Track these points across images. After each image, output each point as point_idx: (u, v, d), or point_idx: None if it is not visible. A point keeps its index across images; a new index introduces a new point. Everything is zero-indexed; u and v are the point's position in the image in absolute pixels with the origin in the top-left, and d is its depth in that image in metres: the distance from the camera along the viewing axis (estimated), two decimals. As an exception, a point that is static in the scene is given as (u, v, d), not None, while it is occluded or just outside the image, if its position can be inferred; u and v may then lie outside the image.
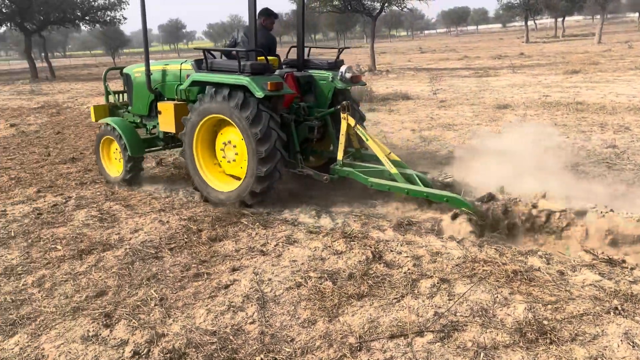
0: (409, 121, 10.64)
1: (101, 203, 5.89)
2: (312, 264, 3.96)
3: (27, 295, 3.76)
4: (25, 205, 5.94)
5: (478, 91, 15.11)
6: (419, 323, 3.09)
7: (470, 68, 24.42)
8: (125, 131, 6.52)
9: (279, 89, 5.13)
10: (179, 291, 3.69)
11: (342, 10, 27.97)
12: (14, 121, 13.34)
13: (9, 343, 3.17)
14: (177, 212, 5.41)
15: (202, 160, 5.81)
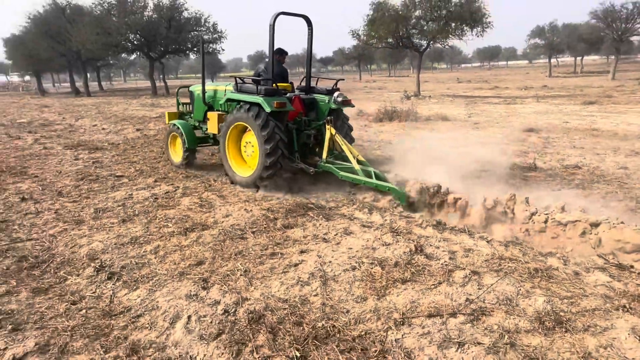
0: (447, 139, 10.36)
1: (201, 192, 6.09)
2: (364, 252, 3.94)
3: (146, 260, 3.95)
4: (146, 191, 6.22)
5: (507, 116, 14.53)
6: (453, 306, 3.01)
7: (500, 96, 23.51)
8: (185, 130, 7.54)
9: (282, 107, 5.89)
10: (258, 265, 3.77)
11: (395, 47, 27.65)
12: (139, 126, 14.00)
13: (132, 295, 3.35)
14: (258, 204, 5.51)
15: (231, 155, 6.61)
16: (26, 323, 3.04)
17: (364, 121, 14.49)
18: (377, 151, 8.77)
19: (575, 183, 6.27)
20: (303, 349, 2.67)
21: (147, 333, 2.90)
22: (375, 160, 7.30)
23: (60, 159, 8.79)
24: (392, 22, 25.05)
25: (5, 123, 16.32)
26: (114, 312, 3.15)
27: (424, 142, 9.86)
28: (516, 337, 2.68)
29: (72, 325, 2.99)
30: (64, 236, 4.60)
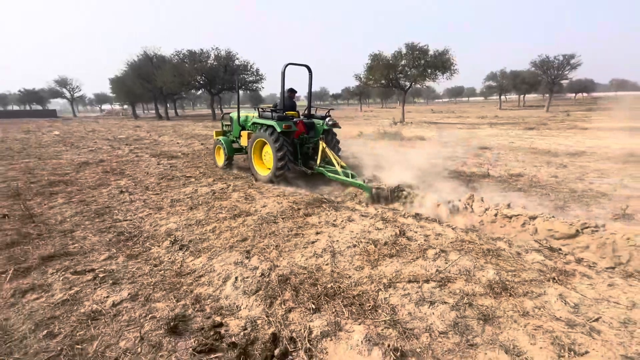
0: (424, 153, 10.25)
1: (246, 189, 6.11)
2: (363, 234, 3.91)
3: (206, 236, 3.99)
4: (207, 187, 6.27)
5: (468, 137, 14.29)
6: (426, 275, 2.98)
7: (464, 123, 23.15)
8: (226, 143, 8.17)
9: (289, 128, 6.54)
10: (286, 242, 3.77)
11: (386, 86, 27.47)
12: (203, 142, 14.19)
13: (196, 261, 3.39)
14: (286, 198, 5.51)
15: (255, 161, 7.18)
16: (122, 279, 3.10)
17: (363, 140, 14.41)
18: (372, 162, 8.71)
19: (518, 187, 6.15)
20: (317, 303, 2.66)
21: (206, 288, 2.93)
22: (370, 166, 7.24)
23: (147, 163, 8.95)
24: (385, 68, 24.93)
25: (110, 138, 16.69)
26: (183, 273, 3.19)
27: (406, 155, 9.76)
28: (473, 299, 2.63)
29: (154, 282, 3.04)
30: (149, 218, 4.67)
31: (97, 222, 4.57)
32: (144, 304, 2.73)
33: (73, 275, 3.15)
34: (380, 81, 26.49)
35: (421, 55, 24.27)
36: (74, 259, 3.49)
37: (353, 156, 9.30)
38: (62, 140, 15.94)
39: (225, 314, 2.62)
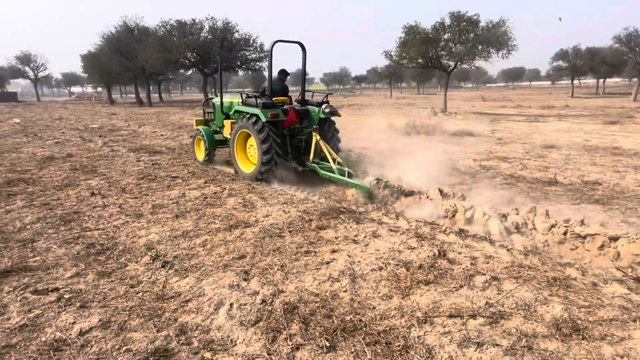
0: (472, 152, 10.14)
1: (245, 194, 6.19)
2: (391, 254, 3.89)
3: (195, 251, 4.05)
4: (197, 190, 6.39)
5: (529, 133, 14.05)
6: (473, 309, 2.93)
7: (523, 115, 22.78)
8: (207, 134, 8.64)
9: (276, 117, 6.84)
10: (294, 262, 3.79)
11: (424, 67, 27.30)
12: (192, 133, 14.42)
13: (182, 282, 3.44)
14: (295, 206, 5.54)
15: (238, 155, 7.58)
16: (92, 302, 3.17)
17: (393, 134, 14.36)
18: (404, 161, 8.66)
19: (595, 199, 5.99)
20: (332, 339, 2.66)
21: (194, 316, 2.97)
22: (399, 167, 7.20)
23: (124, 160, 9.17)
24: (423, 44, 24.78)
25: (80, 128, 17.19)
26: (166, 296, 3.24)
27: (448, 155, 9.67)
28: (533, 341, 2.58)
29: (130, 306, 3.10)
30: (126, 227, 4.78)
31: (63, 230, 4.70)
32: (117, 334, 2.79)
33: (33, 295, 3.24)
34: (417, 60, 26.38)
35: (470, 27, 24.05)
36: (35, 275, 3.60)
37: (381, 154, 9.27)
38: (23, 129, 16.52)
39: (217, 349, 2.64)
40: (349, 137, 13.68)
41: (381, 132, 15.12)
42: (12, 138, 13.69)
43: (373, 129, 15.57)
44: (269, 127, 6.85)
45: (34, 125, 18.73)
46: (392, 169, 7.17)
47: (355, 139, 12.98)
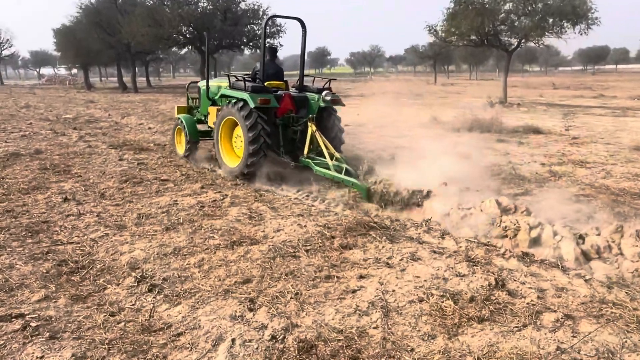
0: (539, 155, 9.99)
1: (251, 202, 6.26)
2: (434, 282, 3.87)
3: (189, 273, 4.12)
4: (191, 197, 6.49)
5: (614, 131, 13.76)
6: (540, 354, 2.89)
7: (607, 107, 22.32)
8: (188, 124, 9.18)
9: (266, 103, 7.28)
10: (311, 289, 3.80)
11: (478, 45, 27.08)
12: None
13: (174, 311, 3.50)
14: (313, 219, 5.57)
15: (223, 147, 8.15)
16: (63, 332, 3.25)
17: (437, 130, 14.27)
18: (450, 164, 8.58)
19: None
20: (359, 389, 2.66)
21: (187, 354, 3.01)
22: (443, 174, 7.16)
23: (104, 158, 9.39)
24: (477, 16, 24.57)
25: (51, 118, 17.69)
26: (153, 327, 3.30)
27: (509, 158, 9.56)
28: (620, 400, 2.52)
29: (109, 338, 3.17)
30: (105, 241, 4.89)
31: (30, 243, 4.84)
32: (93, 372, 2.85)
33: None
34: (469, 36, 26.21)
35: (538, -5, 23.75)
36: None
37: (420, 155, 9.24)
38: (-16, 119, 17.09)
39: (215, 395, 2.67)
40: (382, 133, 13.68)
41: (423, 126, 15.04)
42: (-30, 130, 14.19)
43: (412, 123, 15.50)
44: (258, 115, 7.30)
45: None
46: (433, 173, 7.13)
47: (391, 135, 12.99)
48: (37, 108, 22.69)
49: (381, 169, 7.09)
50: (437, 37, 28.28)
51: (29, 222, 5.46)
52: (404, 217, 5.85)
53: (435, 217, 5.61)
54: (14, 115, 18.97)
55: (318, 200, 6.51)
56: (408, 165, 7.87)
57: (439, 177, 6.78)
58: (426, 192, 6.02)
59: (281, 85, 8.55)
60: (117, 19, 36.67)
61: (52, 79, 68.62)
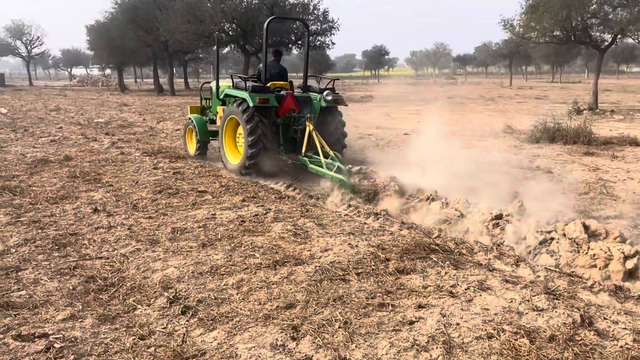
0: (636, 171, 9.59)
1: (296, 218, 6.33)
2: (506, 316, 3.77)
3: (227, 295, 4.20)
4: (231, 211, 6.63)
5: None
6: (635, 408, 2.76)
7: None
8: (198, 124, 10.51)
9: (265, 103, 8.59)
10: (362, 318, 3.79)
11: (564, 42, 26.36)
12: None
13: (208, 336, 3.58)
14: (366, 238, 5.56)
15: (227, 145, 9.60)
16: (89, 355, 3.38)
17: (513, 140, 13.98)
18: (526, 181, 8.39)
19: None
20: None
21: (222, 385, 3.06)
22: (519, 192, 7.00)
23: (137, 166, 9.77)
24: (562, 8, 23.93)
25: (82, 122, 18.58)
26: (186, 354, 3.38)
27: (600, 175, 9.24)
28: None
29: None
30: (137, 257, 5.07)
31: (56, 257, 5.08)
32: (121, 400, 2.95)
33: (15, 342, 3.52)
34: (552, 32, 25.56)
35: (637, -18, 22.93)
36: (19, 314, 3.91)
37: (492, 169, 9.07)
38: (11, 122, 18.17)
39: None
40: (447, 143, 13.50)
41: (495, 136, 14.79)
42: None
43: (483, 132, 15.27)
44: (258, 115, 8.60)
45: (24, 117, 20.53)
46: (505, 190, 7.00)
47: (457, 146, 12.79)
48: (67, 111, 23.89)
49: (444, 191, 7.04)
50: (513, 33, 27.74)
51: (56, 234, 5.74)
52: None
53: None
54: (43, 118, 20.05)
55: (371, 218, 6.50)
56: (474, 180, 7.75)
57: (512, 196, 6.65)
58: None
59: (285, 85, 9.77)
60: (155, 15, 38.14)
61: (84, 80, 72.10)
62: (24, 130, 15.75)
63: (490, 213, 5.98)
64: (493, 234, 5.77)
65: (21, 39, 65.20)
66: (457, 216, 6.27)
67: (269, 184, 8.49)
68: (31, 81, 68.99)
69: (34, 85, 64.42)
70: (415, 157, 11.17)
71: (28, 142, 13.29)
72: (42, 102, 30.00)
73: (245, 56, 37.06)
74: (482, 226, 5.92)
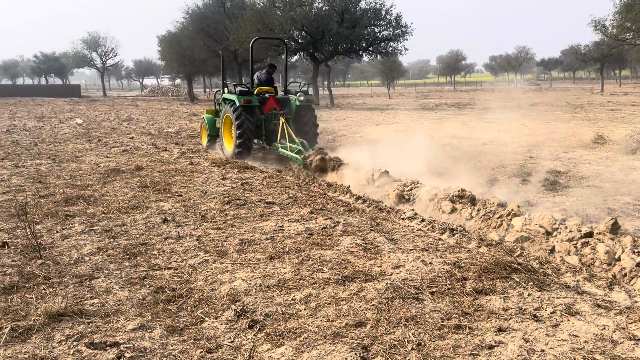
0: None
1: (366, 232, 6.31)
2: (598, 345, 3.59)
3: (294, 310, 4.24)
4: (299, 223, 6.72)
5: None
6: None
7: None
8: (209, 122, 14.56)
9: (249, 103, 12.35)
10: (437, 340, 3.72)
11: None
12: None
13: (276, 352, 3.62)
14: (441, 255, 5.47)
15: (225, 136, 13.49)
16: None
17: (605, 151, 13.39)
18: (626, 198, 7.98)
19: None
20: None
21: (289, 403, 3.09)
22: (619, 213, 6.66)
23: (206, 177, 10.09)
24: (661, 7, 22.82)
25: (153, 132, 19.42)
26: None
27: None
28: None
29: (205, 377, 3.35)
30: (204, 268, 5.22)
31: (127, 266, 5.32)
32: (187, 413, 3.03)
33: (88, 349, 3.71)
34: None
35: None
36: (92, 322, 4.12)
37: (577, 184, 8.73)
38: (86, 133, 19.26)
39: None
40: (531, 153, 13.10)
41: (584, 147, 14.22)
42: (72, 143, 16.04)
43: (571, 143, 14.73)
44: (244, 112, 12.28)
45: (98, 127, 21.74)
46: (598, 205, 6.71)
47: (542, 156, 12.44)
48: (139, 121, 25.05)
49: (526, 206, 6.84)
50: (605, 35, 26.69)
51: (127, 244, 6.00)
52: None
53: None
54: (116, 128, 21.13)
55: (447, 233, 6.39)
56: (559, 194, 7.48)
57: (605, 212, 6.37)
58: None
59: (270, 90, 13.70)
60: (225, 24, 39.43)
61: (154, 90, 75.43)
62: (97, 140, 16.67)
63: (579, 231, 5.73)
64: (582, 254, 5.52)
65: (96, 50, 69.20)
66: (542, 233, 6.05)
67: (327, 193, 8.61)
68: (105, 92, 72.86)
69: (108, 96, 68.03)
70: (492, 169, 10.94)
71: (101, 152, 14.05)
72: (114, 113, 31.62)
73: (314, 64, 37.58)
74: (570, 245, 5.68)
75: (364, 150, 12.51)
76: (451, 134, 18.41)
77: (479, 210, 7.18)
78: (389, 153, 11.76)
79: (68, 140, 16.98)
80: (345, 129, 21.09)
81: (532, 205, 7.86)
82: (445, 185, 8.10)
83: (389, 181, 9.04)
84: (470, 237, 6.31)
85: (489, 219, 6.88)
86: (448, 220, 7.16)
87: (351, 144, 15.60)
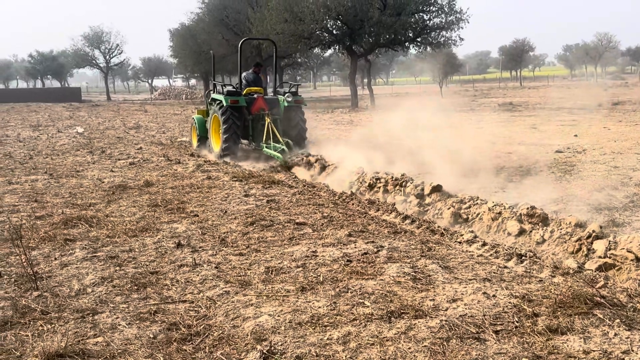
0: None
1: (415, 259, 6.25)
2: (701, 394, 3.49)
3: (331, 351, 4.20)
4: (335, 248, 6.68)
5: None
6: None
7: None
8: (199, 122, 17.20)
9: (236, 103, 14.77)
10: (503, 389, 3.67)
11: None
12: (329, 153, 15.26)
13: (311, 402, 3.61)
14: (506, 286, 5.39)
15: (212, 136, 15.97)
16: (172, 416, 3.53)
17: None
18: None
19: None
20: None
21: None
22: None
23: (226, 193, 10.17)
24: None
25: (164, 142, 19.72)
26: (283, 422, 3.43)
27: None
28: None
29: None
30: (225, 301, 5.23)
31: (136, 299, 5.37)
32: None
33: (91, 395, 3.77)
34: None
35: None
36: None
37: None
38: (88, 143, 19.65)
39: None
40: (615, 163, 12.85)
41: None
42: (72, 156, 16.37)
43: None
44: (231, 112, 14.59)
45: (101, 136, 22.16)
46: None
47: (628, 166, 12.21)
48: (148, 129, 25.45)
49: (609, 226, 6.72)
50: None
51: (135, 273, 6.07)
52: None
53: None
54: (122, 138, 21.51)
55: (513, 260, 6.30)
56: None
57: None
58: None
59: (259, 91, 15.94)
60: (247, 15, 39.74)
61: (166, 92, 76.49)
62: (101, 152, 17.00)
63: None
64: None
65: (99, 47, 70.52)
66: (630, 260, 5.93)
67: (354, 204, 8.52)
68: (109, 95, 73.97)
69: (112, 100, 69.32)
70: (567, 181, 10.76)
71: (105, 165, 14.30)
72: (120, 119, 32.22)
73: (351, 58, 37.60)
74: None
75: (406, 158, 12.47)
76: (517, 139, 18.20)
77: (552, 231, 7.07)
78: (439, 164, 11.62)
79: (67, 152, 17.33)
80: (386, 133, 21.03)
81: (617, 225, 7.70)
82: (511, 202, 8.01)
83: (442, 197, 8.92)
84: (542, 264, 6.20)
85: (564, 242, 6.77)
86: (515, 245, 7.08)
87: (395, 150, 15.52)
